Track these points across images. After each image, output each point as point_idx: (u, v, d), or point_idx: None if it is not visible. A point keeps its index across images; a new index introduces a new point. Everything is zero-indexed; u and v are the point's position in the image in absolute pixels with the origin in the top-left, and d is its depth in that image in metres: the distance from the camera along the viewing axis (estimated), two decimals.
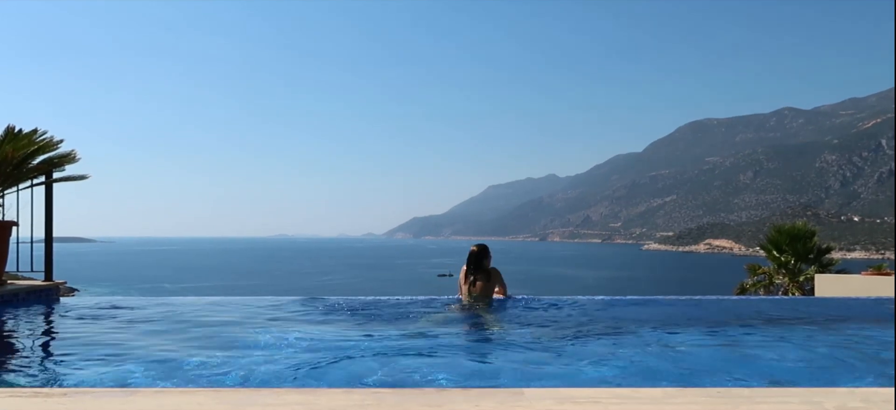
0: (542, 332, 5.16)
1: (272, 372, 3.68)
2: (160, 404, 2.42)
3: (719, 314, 6.48)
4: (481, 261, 6.75)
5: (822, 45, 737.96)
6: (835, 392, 2.54)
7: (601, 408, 2.32)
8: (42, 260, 7.13)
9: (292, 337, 4.76)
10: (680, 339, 4.81)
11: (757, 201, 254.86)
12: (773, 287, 18.35)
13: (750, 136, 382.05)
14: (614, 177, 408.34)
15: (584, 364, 4.03)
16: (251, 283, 76.19)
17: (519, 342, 4.75)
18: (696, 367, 3.99)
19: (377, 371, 3.81)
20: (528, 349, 4.49)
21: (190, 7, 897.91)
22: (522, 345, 4.62)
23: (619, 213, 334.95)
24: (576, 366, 3.99)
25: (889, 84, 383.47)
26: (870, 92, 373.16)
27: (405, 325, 5.51)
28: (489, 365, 4.09)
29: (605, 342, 4.78)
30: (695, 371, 3.91)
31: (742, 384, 3.48)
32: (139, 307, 6.63)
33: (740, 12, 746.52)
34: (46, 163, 6.48)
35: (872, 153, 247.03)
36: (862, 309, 6.98)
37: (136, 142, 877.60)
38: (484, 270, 6.75)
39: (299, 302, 6.88)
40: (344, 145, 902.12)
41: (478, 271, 6.74)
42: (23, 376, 3.65)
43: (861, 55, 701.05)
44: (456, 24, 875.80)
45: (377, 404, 2.36)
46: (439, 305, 6.62)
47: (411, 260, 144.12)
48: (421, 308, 6.45)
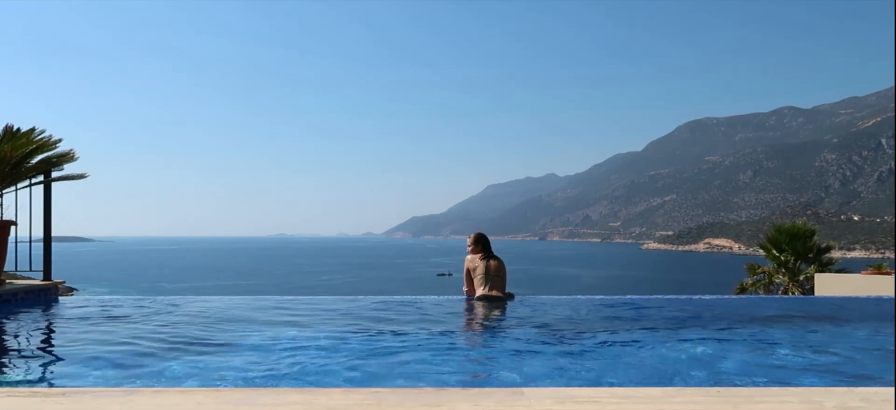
0: (542, 331, 5.16)
1: (272, 372, 3.68)
2: (159, 403, 2.42)
3: (719, 313, 6.48)
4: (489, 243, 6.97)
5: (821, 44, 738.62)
6: (834, 391, 2.54)
7: (600, 408, 2.32)
8: (41, 260, 7.13)
9: (292, 336, 4.76)
10: (679, 339, 4.81)
11: (756, 200, 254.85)
12: (772, 286, 18.36)
13: (749, 135, 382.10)
14: (614, 176, 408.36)
15: (584, 364, 4.03)
16: (250, 283, 76.17)
17: (519, 341, 4.74)
18: (695, 366, 3.99)
19: (377, 370, 3.81)
20: (527, 348, 4.49)
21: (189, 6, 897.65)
22: (522, 345, 4.62)
23: (618, 213, 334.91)
24: (575, 366, 3.99)
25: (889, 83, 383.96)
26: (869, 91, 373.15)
27: (404, 324, 5.51)
28: (489, 364, 4.09)
29: (605, 341, 4.78)
30: (694, 370, 3.91)
31: (741, 383, 3.48)
32: (138, 306, 6.62)
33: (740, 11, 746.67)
34: (45, 162, 6.48)
35: (872, 152, 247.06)
36: (862, 309, 6.98)
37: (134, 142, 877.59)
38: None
39: (298, 301, 6.88)
40: (343, 144, 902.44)
41: (491, 253, 6.90)
42: (22, 376, 3.65)
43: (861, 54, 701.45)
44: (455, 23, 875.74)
45: (377, 403, 2.35)
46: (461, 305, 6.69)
47: (411, 260, 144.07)
48: (448, 310, 6.48)
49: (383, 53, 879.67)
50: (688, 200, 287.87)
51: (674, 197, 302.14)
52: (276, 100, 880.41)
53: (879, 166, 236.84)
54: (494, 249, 7.00)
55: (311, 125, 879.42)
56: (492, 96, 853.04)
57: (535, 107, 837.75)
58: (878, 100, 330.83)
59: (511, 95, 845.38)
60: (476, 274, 6.79)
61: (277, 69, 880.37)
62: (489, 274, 6.73)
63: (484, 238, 6.99)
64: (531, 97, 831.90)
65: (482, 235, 7.01)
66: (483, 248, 6.90)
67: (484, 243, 6.94)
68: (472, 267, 6.84)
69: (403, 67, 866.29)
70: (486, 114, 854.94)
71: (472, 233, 7.02)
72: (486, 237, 7.02)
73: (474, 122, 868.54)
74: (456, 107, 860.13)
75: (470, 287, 6.91)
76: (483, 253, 6.86)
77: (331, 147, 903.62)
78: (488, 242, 6.99)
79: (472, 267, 6.85)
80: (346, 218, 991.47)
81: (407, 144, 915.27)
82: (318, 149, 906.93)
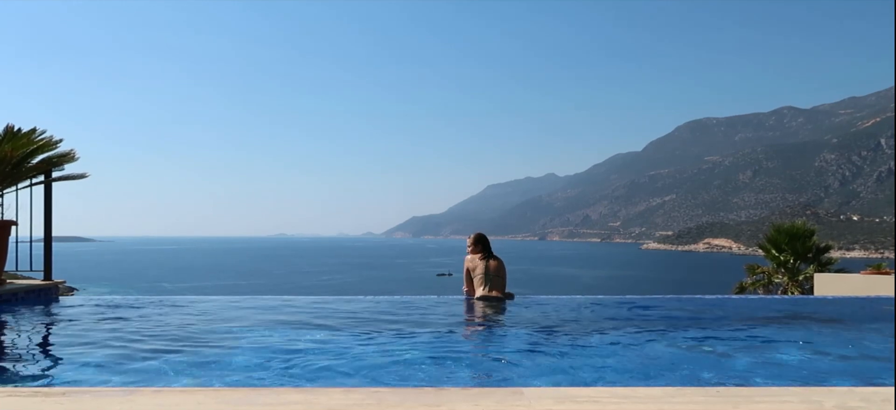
0: (542, 331, 5.16)
1: (272, 372, 3.68)
2: (159, 403, 2.42)
3: (719, 313, 6.48)
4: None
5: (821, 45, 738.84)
6: (834, 391, 2.54)
7: (600, 407, 2.32)
8: (41, 260, 7.13)
9: (291, 336, 4.76)
10: (679, 338, 4.81)
11: (756, 200, 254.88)
12: (772, 286, 18.36)
13: (749, 135, 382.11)
14: (613, 176, 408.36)
15: (584, 363, 4.03)
16: (250, 283, 76.15)
17: (518, 341, 4.75)
18: (695, 366, 3.99)
19: (376, 370, 3.81)
20: (527, 348, 4.49)
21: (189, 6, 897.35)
22: (522, 344, 4.62)
23: (618, 212, 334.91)
24: (575, 365, 3.99)
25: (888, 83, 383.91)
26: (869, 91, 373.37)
27: (404, 324, 5.51)
28: (489, 364, 4.09)
29: (604, 341, 4.79)
30: (694, 370, 3.91)
31: (741, 383, 3.48)
32: (138, 306, 6.62)
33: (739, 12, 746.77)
34: (45, 162, 6.48)
35: (872, 152, 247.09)
36: (861, 309, 6.98)
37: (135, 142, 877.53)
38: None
39: (298, 301, 6.88)
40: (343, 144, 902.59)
41: (491, 253, 6.92)
42: (22, 375, 3.65)
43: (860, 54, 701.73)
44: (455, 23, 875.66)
45: (377, 403, 2.35)
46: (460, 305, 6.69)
47: (410, 260, 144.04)
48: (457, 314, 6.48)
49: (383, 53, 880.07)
50: (687, 200, 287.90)
51: (673, 197, 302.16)
52: (275, 100, 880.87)
53: (879, 166, 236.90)
54: (494, 249, 7.00)
55: (310, 125, 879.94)
56: (492, 96, 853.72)
57: (534, 107, 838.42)
58: (877, 100, 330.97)
59: (511, 95, 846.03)
60: (476, 274, 6.79)
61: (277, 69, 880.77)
62: (489, 274, 6.74)
63: (484, 238, 6.99)
64: (531, 97, 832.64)
65: (482, 235, 7.02)
66: (483, 248, 6.90)
67: (484, 243, 6.95)
68: (472, 268, 6.85)
69: (403, 67, 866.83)
70: (486, 114, 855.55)
71: (472, 234, 7.03)
72: (485, 237, 7.02)
73: (474, 122, 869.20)
74: (456, 107, 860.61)
75: (470, 287, 6.91)
76: (483, 254, 6.87)
77: (331, 147, 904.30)
78: (488, 242, 7.00)
79: (471, 268, 6.85)
80: (345, 218, 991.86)
81: (407, 144, 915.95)
82: (317, 149, 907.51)
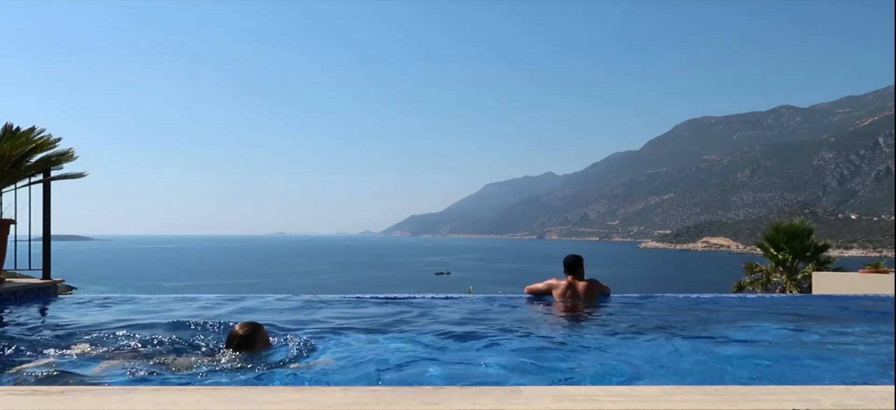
0: (541, 331, 5.16)
1: (271, 371, 3.68)
2: (159, 401, 2.42)
3: (717, 312, 6.49)
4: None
5: (819, 44, 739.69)
6: (832, 389, 2.55)
7: (599, 406, 2.32)
8: (40, 259, 7.12)
9: (290, 335, 4.75)
10: (677, 337, 4.82)
11: (754, 199, 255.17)
12: (770, 285, 18.38)
13: (747, 134, 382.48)
14: (612, 174, 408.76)
15: (582, 362, 4.04)
16: (249, 282, 76.09)
17: (518, 339, 4.75)
18: (693, 365, 4.00)
19: (375, 369, 3.81)
20: (526, 347, 4.49)
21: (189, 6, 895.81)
22: (521, 343, 4.62)
23: (616, 211, 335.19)
24: (574, 364, 4.00)
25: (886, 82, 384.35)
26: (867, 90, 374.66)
27: (404, 323, 5.51)
28: (487, 363, 4.09)
29: (603, 340, 4.79)
30: (692, 368, 3.92)
31: (740, 381, 3.49)
32: (137, 305, 6.62)
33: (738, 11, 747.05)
34: (44, 161, 6.47)
35: (870, 151, 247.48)
36: (860, 307, 6.99)
37: (134, 140, 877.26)
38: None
39: (296, 300, 6.87)
40: (342, 143, 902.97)
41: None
42: (21, 374, 3.65)
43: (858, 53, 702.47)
44: (455, 23, 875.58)
45: (375, 402, 2.36)
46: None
47: (409, 259, 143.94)
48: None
49: (383, 53, 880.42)
50: (686, 199, 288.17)
51: (672, 195, 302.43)
52: (275, 99, 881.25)
53: (877, 165, 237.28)
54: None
55: (310, 124, 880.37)
56: (490, 95, 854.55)
57: (533, 106, 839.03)
58: (875, 99, 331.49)
59: (510, 94, 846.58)
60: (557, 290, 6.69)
61: (277, 69, 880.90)
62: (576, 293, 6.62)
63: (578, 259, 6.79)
64: (530, 96, 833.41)
65: (577, 257, 6.81)
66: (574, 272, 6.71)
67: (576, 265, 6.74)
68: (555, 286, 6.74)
69: (403, 67, 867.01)
70: (485, 112, 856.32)
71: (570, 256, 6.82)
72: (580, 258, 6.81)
73: (473, 121, 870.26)
74: (455, 105, 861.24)
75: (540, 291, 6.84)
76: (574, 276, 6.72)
77: (330, 146, 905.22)
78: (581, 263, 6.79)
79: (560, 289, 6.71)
80: (344, 216, 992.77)
81: (405, 143, 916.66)
82: (317, 148, 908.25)
